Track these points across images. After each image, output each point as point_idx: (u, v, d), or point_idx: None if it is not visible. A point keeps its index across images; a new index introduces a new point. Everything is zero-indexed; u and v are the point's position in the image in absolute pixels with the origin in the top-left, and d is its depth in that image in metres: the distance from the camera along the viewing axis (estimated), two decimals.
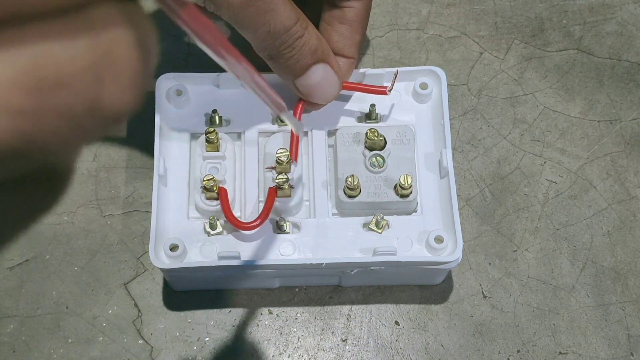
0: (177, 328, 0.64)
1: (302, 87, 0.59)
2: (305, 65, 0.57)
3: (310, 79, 0.58)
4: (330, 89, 0.59)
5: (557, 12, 0.76)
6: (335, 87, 0.60)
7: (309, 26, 0.56)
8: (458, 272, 0.65)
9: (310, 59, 0.57)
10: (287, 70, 0.58)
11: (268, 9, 0.52)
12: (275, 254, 0.60)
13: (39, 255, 0.66)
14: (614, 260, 0.66)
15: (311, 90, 0.59)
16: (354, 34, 0.60)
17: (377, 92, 0.62)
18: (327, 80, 0.59)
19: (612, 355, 0.63)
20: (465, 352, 0.63)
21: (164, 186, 0.62)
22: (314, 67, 0.57)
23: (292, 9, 0.54)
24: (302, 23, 0.55)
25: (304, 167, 0.63)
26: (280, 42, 0.55)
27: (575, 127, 0.71)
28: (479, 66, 0.73)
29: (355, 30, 0.60)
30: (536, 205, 0.68)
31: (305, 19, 0.56)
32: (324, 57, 0.58)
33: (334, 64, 0.59)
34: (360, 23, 0.60)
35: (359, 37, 0.61)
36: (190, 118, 0.64)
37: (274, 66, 0.58)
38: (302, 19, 0.55)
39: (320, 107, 0.62)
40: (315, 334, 0.64)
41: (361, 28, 0.60)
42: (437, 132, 0.64)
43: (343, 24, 0.60)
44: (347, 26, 0.60)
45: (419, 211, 0.62)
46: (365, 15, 0.60)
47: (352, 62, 0.61)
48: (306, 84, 0.58)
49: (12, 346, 0.63)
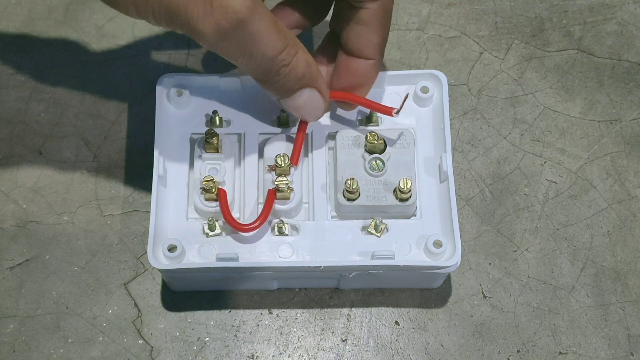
0: (177, 328, 0.64)
1: (286, 106, 0.59)
2: (291, 90, 0.57)
3: (294, 101, 0.58)
4: (315, 111, 0.59)
5: (557, 12, 0.75)
6: (319, 109, 0.59)
7: (299, 52, 0.55)
8: (458, 272, 0.65)
9: (296, 85, 0.56)
10: (272, 92, 0.57)
11: (249, 39, 0.51)
12: (273, 256, 0.60)
13: (39, 255, 0.66)
14: (614, 260, 0.66)
15: (295, 110, 0.59)
16: (371, 35, 0.59)
17: (384, 111, 0.61)
18: (311, 103, 0.58)
19: (612, 355, 0.63)
20: (465, 352, 0.63)
21: (163, 187, 0.62)
22: (299, 91, 0.57)
23: (278, 37, 0.53)
24: (291, 50, 0.54)
25: (303, 169, 0.63)
26: (264, 70, 0.54)
27: (575, 127, 0.71)
28: (479, 66, 0.73)
29: (372, 31, 0.59)
30: (536, 205, 0.68)
31: (295, 44, 0.55)
32: (311, 82, 0.57)
33: (321, 88, 0.58)
34: (377, 24, 0.58)
35: (378, 38, 0.59)
36: (190, 119, 0.64)
37: (261, 85, 0.57)
38: (292, 45, 0.54)
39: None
40: (315, 334, 0.64)
41: (379, 29, 0.59)
42: (437, 135, 0.63)
43: (360, 24, 0.58)
44: (363, 27, 0.58)
45: (418, 215, 0.62)
46: (383, 16, 0.58)
47: (372, 63, 0.60)
48: (290, 105, 0.58)
49: (12, 346, 0.63)
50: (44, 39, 0.74)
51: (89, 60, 0.73)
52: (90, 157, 0.69)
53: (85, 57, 0.73)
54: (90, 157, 0.69)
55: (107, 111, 0.71)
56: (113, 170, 0.69)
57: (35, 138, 0.70)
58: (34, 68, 0.73)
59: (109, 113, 0.71)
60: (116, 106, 0.71)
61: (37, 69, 0.73)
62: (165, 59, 0.73)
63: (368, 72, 0.60)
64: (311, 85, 0.57)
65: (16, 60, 0.73)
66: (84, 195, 0.68)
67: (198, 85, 0.64)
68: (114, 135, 0.70)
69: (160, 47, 0.73)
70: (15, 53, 0.73)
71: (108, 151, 0.69)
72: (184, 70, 0.72)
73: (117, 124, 0.70)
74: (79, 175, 0.69)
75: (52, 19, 0.75)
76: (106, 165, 0.69)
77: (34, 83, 0.72)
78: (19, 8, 0.76)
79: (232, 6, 0.49)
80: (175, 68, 0.73)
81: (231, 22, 0.50)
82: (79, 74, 0.72)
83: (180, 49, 0.73)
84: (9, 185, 0.68)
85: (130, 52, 0.73)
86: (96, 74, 0.72)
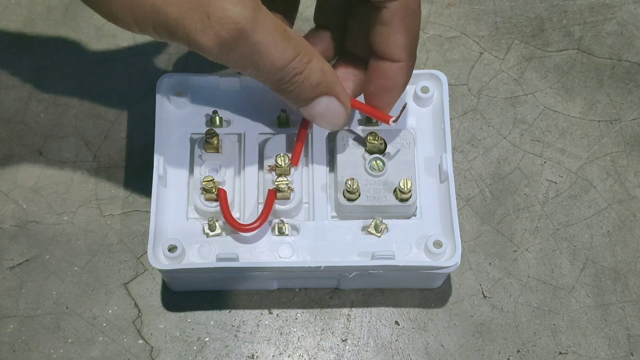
0: (177, 328, 0.64)
1: (305, 114, 0.57)
2: (307, 98, 0.55)
3: (312, 109, 0.56)
4: (335, 119, 0.58)
5: (557, 12, 0.75)
6: (339, 118, 0.57)
7: (313, 60, 0.53)
8: (458, 272, 0.66)
9: (312, 93, 0.55)
10: (289, 100, 0.56)
11: (254, 50, 0.50)
12: (273, 256, 0.60)
13: (39, 255, 0.66)
14: (614, 260, 0.66)
15: (315, 119, 0.58)
16: (395, 36, 0.56)
17: (381, 118, 0.60)
18: (330, 111, 0.57)
19: (612, 355, 0.63)
20: (465, 352, 0.63)
21: (164, 187, 0.62)
22: (317, 99, 0.56)
23: (287, 46, 0.51)
24: (303, 57, 0.52)
25: (303, 169, 0.63)
26: (276, 79, 0.53)
27: (575, 127, 0.71)
28: (479, 66, 0.73)
29: (396, 31, 0.56)
30: (536, 205, 0.68)
31: (308, 52, 0.53)
32: (328, 90, 0.55)
33: (340, 96, 0.56)
34: (401, 23, 0.55)
35: (403, 39, 0.56)
36: (190, 119, 0.64)
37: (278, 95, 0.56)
38: (304, 52, 0.52)
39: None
40: (315, 334, 0.64)
41: (404, 29, 0.56)
42: (437, 136, 0.63)
43: (382, 25, 0.56)
44: (386, 27, 0.56)
45: (418, 215, 0.62)
46: (407, 15, 0.55)
47: (400, 66, 0.57)
48: (309, 114, 0.57)
49: (12, 346, 0.63)
50: (43, 39, 0.74)
51: (88, 60, 0.73)
52: (90, 157, 0.69)
53: (85, 57, 0.73)
54: (90, 157, 0.69)
55: (107, 111, 0.71)
56: (113, 170, 0.69)
57: (35, 138, 0.70)
58: (34, 68, 0.73)
59: (109, 113, 0.71)
60: (116, 106, 0.71)
61: (37, 69, 0.73)
62: (165, 59, 0.73)
63: (396, 75, 0.58)
64: (329, 93, 0.56)
65: (16, 60, 0.73)
66: (84, 195, 0.68)
67: (198, 85, 0.64)
68: (114, 135, 0.70)
69: (160, 47, 0.73)
70: (15, 53, 0.73)
71: (108, 151, 0.69)
72: (184, 70, 0.72)
73: (117, 124, 0.70)
74: (79, 175, 0.69)
75: (51, 19, 0.75)
76: (106, 165, 0.69)
77: (34, 83, 0.72)
78: (18, 8, 0.76)
79: (231, 17, 0.48)
80: (175, 68, 0.73)
81: (232, 34, 0.48)
82: (79, 74, 0.72)
83: (180, 49, 0.73)
84: (9, 185, 0.68)
85: (130, 52, 0.73)
86: (96, 74, 0.73)
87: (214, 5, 0.48)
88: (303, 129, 0.62)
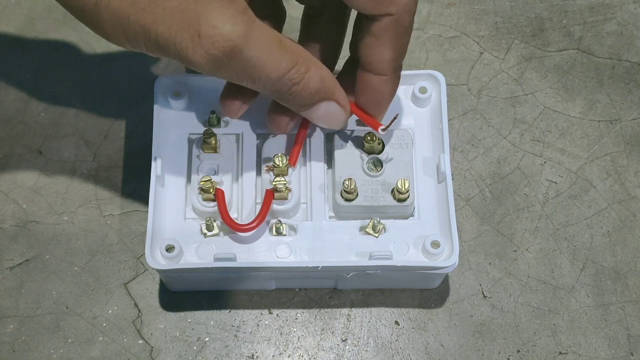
0: (177, 328, 0.64)
1: (306, 117, 0.57)
2: (306, 105, 0.55)
3: (312, 114, 0.56)
4: (335, 122, 0.57)
5: (557, 12, 0.75)
6: (339, 120, 0.57)
7: (311, 69, 0.53)
8: (458, 272, 0.65)
9: (311, 100, 0.55)
10: (289, 106, 0.56)
11: (248, 65, 0.49)
12: (271, 256, 0.60)
13: (39, 255, 0.66)
14: (614, 260, 0.66)
15: (315, 121, 0.58)
16: (382, 49, 0.55)
17: (372, 125, 0.59)
18: (329, 115, 0.56)
19: (612, 355, 0.63)
20: (465, 352, 0.63)
21: (161, 187, 0.62)
22: (316, 105, 0.55)
23: (282, 58, 0.51)
24: (301, 67, 0.52)
25: (301, 169, 0.63)
26: (273, 90, 0.52)
27: (575, 127, 0.71)
28: (479, 66, 0.73)
29: (384, 45, 0.55)
30: (536, 205, 0.68)
31: (306, 61, 0.52)
32: (327, 96, 0.55)
33: (339, 99, 0.56)
34: (390, 38, 0.55)
35: (390, 53, 0.55)
36: (188, 119, 0.64)
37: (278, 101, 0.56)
38: (302, 62, 0.52)
39: None
40: (315, 334, 0.64)
41: (392, 44, 0.55)
42: (435, 136, 0.63)
43: (372, 37, 0.55)
44: (375, 40, 0.55)
45: (415, 215, 0.62)
46: (398, 31, 0.54)
47: (384, 79, 0.57)
48: (309, 117, 0.57)
49: (12, 346, 0.63)
50: (44, 39, 0.74)
51: (88, 60, 0.73)
52: (90, 157, 0.69)
53: (85, 57, 0.73)
54: (90, 157, 0.69)
55: (107, 111, 0.71)
56: (113, 170, 0.69)
57: (35, 138, 0.70)
58: (34, 68, 0.73)
59: (109, 113, 0.71)
60: (116, 106, 0.71)
61: (37, 69, 0.73)
62: (164, 59, 0.73)
63: (381, 88, 0.57)
64: (328, 99, 0.55)
65: (16, 60, 0.73)
66: (84, 195, 0.68)
67: (196, 85, 0.64)
68: (114, 135, 0.70)
69: None
70: (15, 53, 0.73)
71: (108, 151, 0.69)
72: (182, 71, 0.72)
73: (117, 124, 0.70)
74: (78, 175, 0.69)
75: (52, 19, 0.75)
76: (106, 165, 0.69)
77: (34, 83, 0.72)
78: (19, 8, 0.76)
79: (222, 34, 0.47)
80: (174, 68, 0.73)
81: (223, 51, 0.48)
82: (79, 74, 0.73)
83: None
84: (9, 185, 0.68)
85: (130, 52, 0.73)
86: (96, 74, 0.73)
87: (204, 24, 0.47)
88: (302, 129, 0.62)
